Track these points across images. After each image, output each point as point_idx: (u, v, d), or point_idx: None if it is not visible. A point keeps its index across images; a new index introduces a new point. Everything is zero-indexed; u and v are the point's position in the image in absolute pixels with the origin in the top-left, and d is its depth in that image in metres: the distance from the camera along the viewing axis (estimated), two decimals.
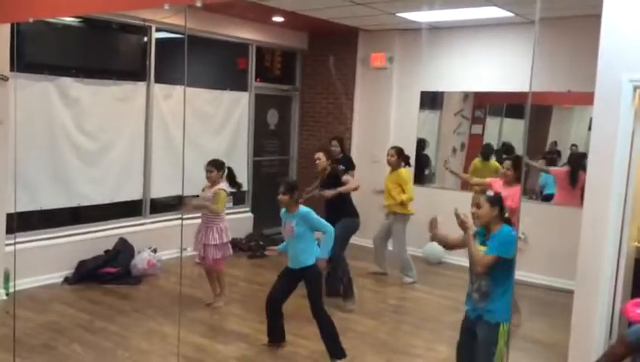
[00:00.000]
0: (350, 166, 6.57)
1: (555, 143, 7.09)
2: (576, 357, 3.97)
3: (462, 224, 3.41)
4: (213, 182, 5.32)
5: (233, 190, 5.58)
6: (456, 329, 3.61)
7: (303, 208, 4.37)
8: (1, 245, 5.30)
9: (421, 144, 7.83)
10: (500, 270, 3.27)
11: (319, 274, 4.43)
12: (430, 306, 5.85)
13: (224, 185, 5.35)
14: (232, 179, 5.50)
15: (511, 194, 4.75)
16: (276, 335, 4.58)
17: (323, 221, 4.42)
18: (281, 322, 4.54)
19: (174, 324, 4.79)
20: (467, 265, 3.51)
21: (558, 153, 7.03)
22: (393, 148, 6.48)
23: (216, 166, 5.33)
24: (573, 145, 6.91)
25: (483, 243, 3.37)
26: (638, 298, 3.87)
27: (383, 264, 6.74)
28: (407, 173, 6.46)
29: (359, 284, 6.33)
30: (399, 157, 6.37)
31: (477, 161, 7.47)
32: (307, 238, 4.36)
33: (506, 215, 3.50)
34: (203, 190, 5.42)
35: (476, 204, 3.36)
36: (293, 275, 4.46)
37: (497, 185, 5.27)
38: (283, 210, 4.49)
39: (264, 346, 4.60)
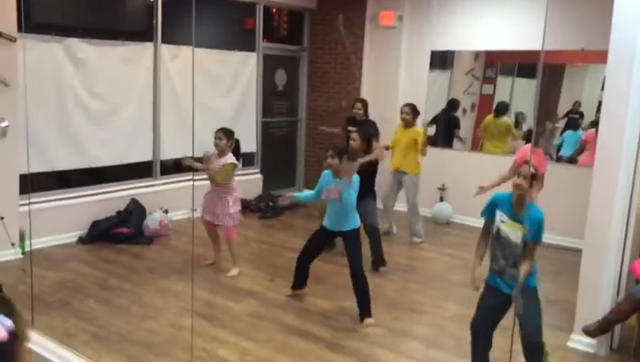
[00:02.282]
0: (375, 133, 6.18)
1: (578, 104, 6.92)
2: (584, 315, 4.02)
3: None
4: (221, 151, 5.12)
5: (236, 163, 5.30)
6: (463, 286, 3.65)
7: (355, 177, 4.41)
8: (15, 205, 5.38)
9: (452, 104, 7.68)
10: None
11: (359, 238, 4.55)
12: (438, 265, 5.91)
13: (232, 158, 5.13)
14: (237, 151, 5.26)
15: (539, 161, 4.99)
16: (299, 285, 4.82)
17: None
18: (307, 275, 4.80)
19: (186, 283, 4.89)
20: (474, 224, 3.49)
21: (581, 114, 6.87)
22: (408, 105, 6.42)
23: (226, 134, 5.11)
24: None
25: (513, 218, 3.29)
26: None
27: (391, 223, 6.78)
28: (422, 130, 6.42)
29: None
30: (414, 114, 6.37)
31: (489, 119, 7.39)
32: (352, 205, 4.45)
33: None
34: (210, 158, 5.04)
35: (524, 176, 3.34)
36: (329, 235, 4.66)
37: (527, 151, 5.37)
38: (327, 171, 4.53)
39: (287, 297, 4.82)
